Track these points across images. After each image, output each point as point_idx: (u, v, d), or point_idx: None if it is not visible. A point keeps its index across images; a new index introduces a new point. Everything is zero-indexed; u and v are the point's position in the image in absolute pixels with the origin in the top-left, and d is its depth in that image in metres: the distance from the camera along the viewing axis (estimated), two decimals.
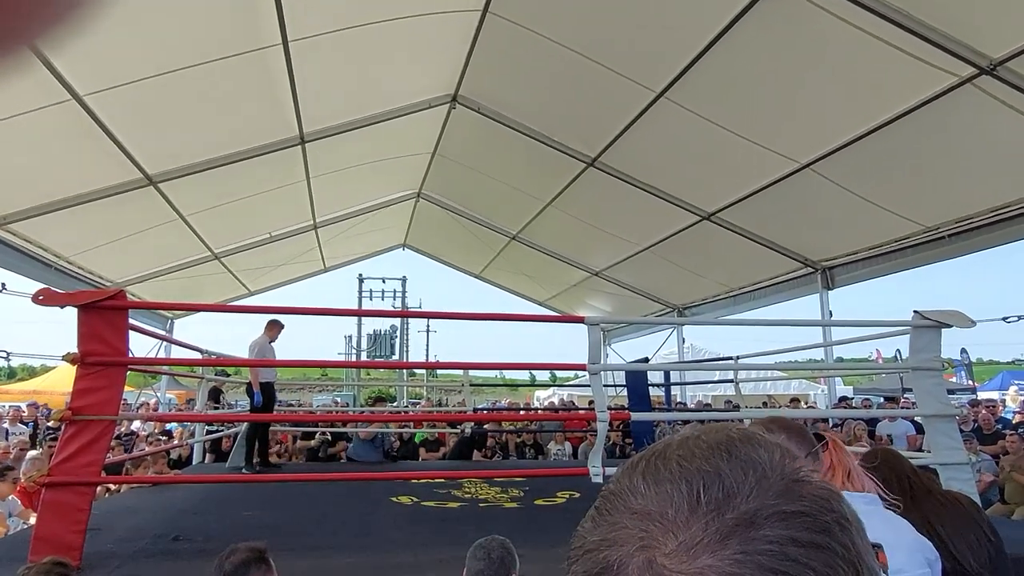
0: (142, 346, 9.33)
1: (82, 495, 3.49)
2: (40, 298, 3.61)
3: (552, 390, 20.49)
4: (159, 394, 12.84)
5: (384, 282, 26.93)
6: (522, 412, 14.23)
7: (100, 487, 5.41)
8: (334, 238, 12.02)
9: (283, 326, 7.12)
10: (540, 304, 15.25)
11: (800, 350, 7.36)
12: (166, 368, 8.34)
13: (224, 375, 9.35)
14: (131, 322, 3.99)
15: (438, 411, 13.98)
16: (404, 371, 17.64)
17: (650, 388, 9.56)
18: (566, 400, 16.03)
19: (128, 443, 8.31)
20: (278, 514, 4.97)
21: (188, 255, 10.15)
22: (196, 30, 5.56)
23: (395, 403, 21.25)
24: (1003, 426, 8.39)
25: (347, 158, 9.00)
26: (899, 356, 15.42)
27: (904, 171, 6.43)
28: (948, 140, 5.76)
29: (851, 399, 11.94)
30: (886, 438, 8.31)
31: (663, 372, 10.35)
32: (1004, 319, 7.51)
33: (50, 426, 8.51)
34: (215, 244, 10.09)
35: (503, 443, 10.02)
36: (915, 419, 7.78)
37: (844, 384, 18.26)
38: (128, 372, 4.22)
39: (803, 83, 5.93)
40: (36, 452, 6.83)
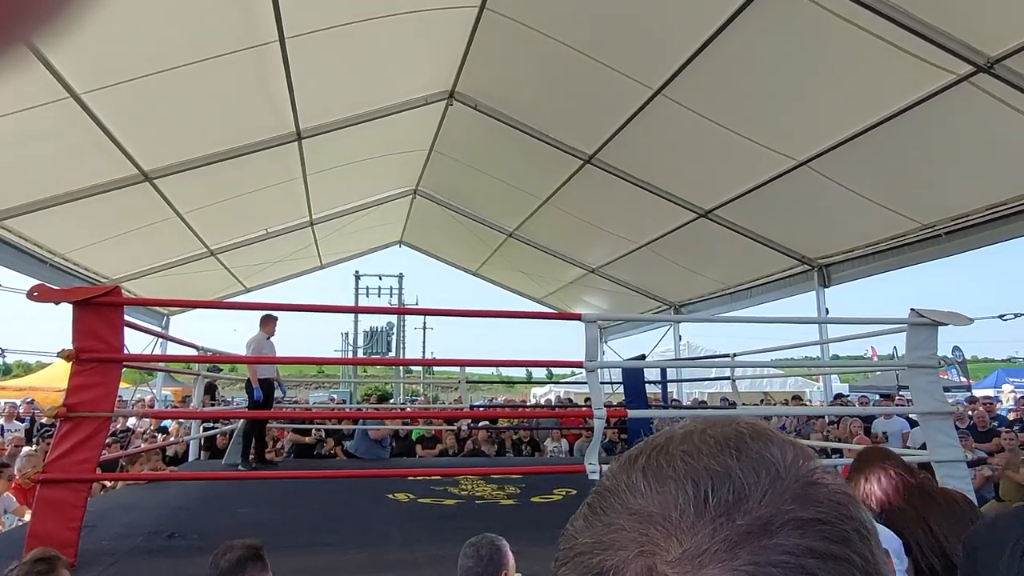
0: (138, 343, 9.32)
1: (77, 492, 3.48)
2: (35, 294, 3.59)
3: (549, 387, 20.51)
4: (155, 391, 12.82)
5: (381, 279, 26.92)
6: (519, 409, 14.24)
7: (95, 484, 5.40)
8: (330, 235, 12.00)
9: (276, 318, 7.11)
10: (537, 301, 15.24)
11: (796, 347, 7.38)
12: (162, 364, 8.32)
13: (217, 371, 9.33)
14: (126, 318, 3.98)
15: (434, 408, 13.99)
16: (400, 368, 17.63)
17: (647, 385, 9.56)
18: (562, 397, 16.05)
19: (124, 440, 8.28)
20: (274, 511, 4.96)
21: (184, 251, 10.13)
22: (193, 26, 5.54)
23: (392, 400, 21.24)
24: (999, 424, 8.41)
25: (344, 155, 8.97)
26: (895, 354, 15.48)
27: (901, 169, 6.44)
28: (945, 138, 5.77)
29: (847, 397, 11.97)
30: (881, 435, 8.33)
31: (660, 369, 10.36)
32: (1000, 317, 7.55)
33: (43, 423, 8.48)
34: (211, 240, 10.06)
35: (499, 439, 10.02)
36: (910, 416, 7.81)
37: (840, 382, 18.33)
38: (124, 368, 4.21)
39: (800, 80, 5.93)
40: (31, 448, 6.81)
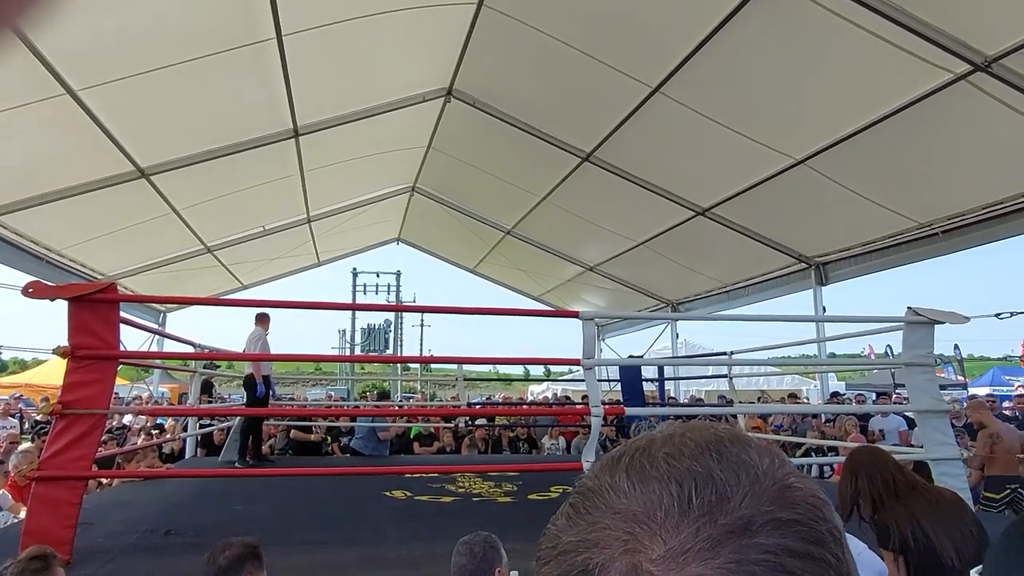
0: (134, 339, 9.30)
1: (73, 489, 3.47)
2: (30, 291, 3.58)
3: (546, 385, 20.53)
4: (152, 388, 12.80)
5: (378, 276, 26.94)
6: (516, 407, 14.24)
7: (91, 481, 5.39)
8: (328, 232, 11.97)
9: (269, 316, 7.18)
10: (535, 299, 15.24)
11: (793, 346, 7.39)
12: (158, 362, 8.30)
13: (214, 367, 9.32)
14: (122, 315, 3.97)
15: (431, 406, 13.99)
16: (398, 365, 17.61)
17: (644, 383, 9.58)
18: (560, 395, 16.06)
19: (120, 437, 8.27)
20: (271, 508, 4.96)
21: (181, 248, 10.10)
22: (190, 23, 5.52)
23: (390, 398, 21.23)
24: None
25: (341, 151, 8.95)
26: (889, 352, 15.51)
27: (898, 167, 6.45)
28: (943, 137, 5.78)
29: (843, 395, 12.00)
30: (878, 433, 8.36)
31: (657, 367, 10.38)
32: (996, 315, 7.56)
33: (38, 419, 8.45)
34: (208, 237, 10.03)
35: (495, 437, 10.03)
36: (907, 414, 7.83)
37: (838, 379, 18.39)
38: (120, 365, 4.20)
39: (798, 79, 5.93)
40: (28, 445, 6.79)
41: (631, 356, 10.28)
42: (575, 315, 4.61)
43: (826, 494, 0.42)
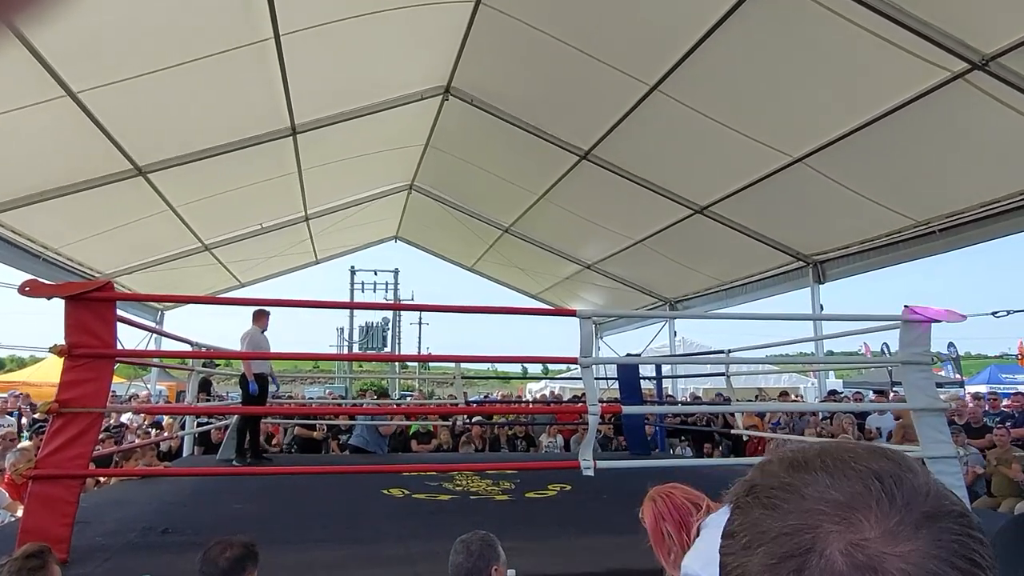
0: (132, 338, 9.29)
1: (70, 488, 3.46)
2: (27, 289, 3.57)
3: (544, 383, 20.54)
4: (149, 386, 12.79)
5: (376, 274, 26.92)
6: (514, 405, 14.25)
7: (89, 479, 5.38)
8: (326, 230, 11.96)
9: (268, 313, 7.12)
10: (533, 297, 15.24)
11: (791, 344, 7.40)
12: (155, 360, 8.29)
13: (212, 366, 9.31)
14: (120, 314, 3.96)
15: (428, 403, 14.00)
16: (396, 363, 17.61)
17: (642, 381, 9.58)
18: (557, 392, 16.06)
19: (118, 435, 8.26)
20: (268, 506, 4.96)
21: (178, 246, 10.08)
22: (188, 21, 5.50)
23: (388, 396, 21.24)
24: (1001, 420, 8.43)
25: (339, 150, 8.94)
26: (886, 350, 15.55)
27: (896, 166, 6.45)
28: (940, 135, 5.78)
29: (840, 393, 12.01)
30: (875, 431, 8.38)
31: (655, 365, 10.38)
32: (993, 314, 7.59)
33: (36, 418, 8.44)
34: (205, 235, 10.02)
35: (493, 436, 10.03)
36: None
37: (835, 377, 18.42)
38: (118, 364, 4.19)
39: (796, 77, 5.93)
40: (25, 443, 6.78)
41: (629, 354, 10.29)
42: (572, 313, 4.61)
43: None
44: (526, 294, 15.38)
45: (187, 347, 7.23)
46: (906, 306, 4.66)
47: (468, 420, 9.71)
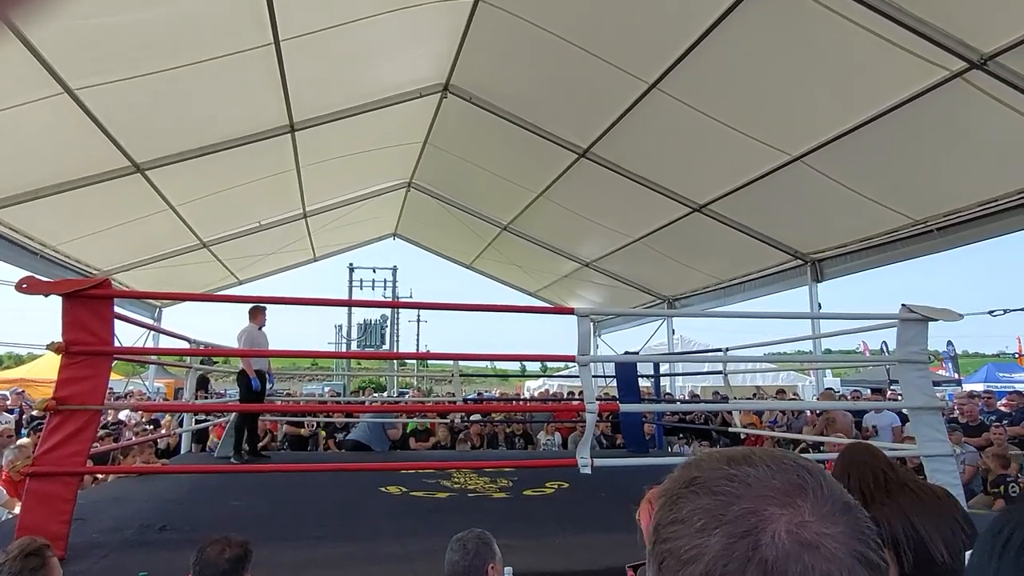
0: (130, 335, 9.28)
1: (67, 485, 3.46)
2: (24, 287, 3.56)
3: (542, 380, 20.55)
4: (147, 383, 12.78)
5: (375, 271, 26.90)
6: (512, 403, 14.26)
7: (86, 476, 5.38)
8: (324, 227, 11.96)
9: (265, 309, 7.08)
10: (531, 295, 15.25)
11: (789, 342, 7.41)
12: (153, 357, 8.28)
13: (210, 363, 9.30)
14: (117, 311, 3.95)
15: (427, 401, 14.00)
16: (394, 361, 17.60)
17: (640, 379, 9.59)
18: (554, 392, 16.06)
19: (116, 432, 8.26)
20: (266, 504, 4.96)
21: (176, 243, 10.07)
22: (187, 21, 5.49)
23: (386, 393, 21.25)
24: (997, 418, 8.44)
25: (338, 147, 8.93)
26: (884, 348, 15.57)
27: (894, 164, 6.45)
28: (938, 134, 5.79)
29: (836, 392, 12.01)
30: (872, 429, 8.39)
31: (653, 363, 10.38)
32: (990, 312, 7.60)
33: (34, 415, 8.44)
34: (204, 232, 10.01)
35: (491, 433, 10.04)
36: (902, 411, 7.85)
37: (833, 375, 18.43)
38: (115, 361, 4.19)
39: (795, 76, 5.93)
40: (23, 441, 6.77)
41: (627, 352, 10.29)
42: (570, 312, 4.61)
43: None
44: (525, 292, 15.39)
45: (185, 344, 7.22)
46: (903, 304, 4.67)
47: (466, 418, 9.71)
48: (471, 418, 9.77)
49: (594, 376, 8.80)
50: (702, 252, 10.11)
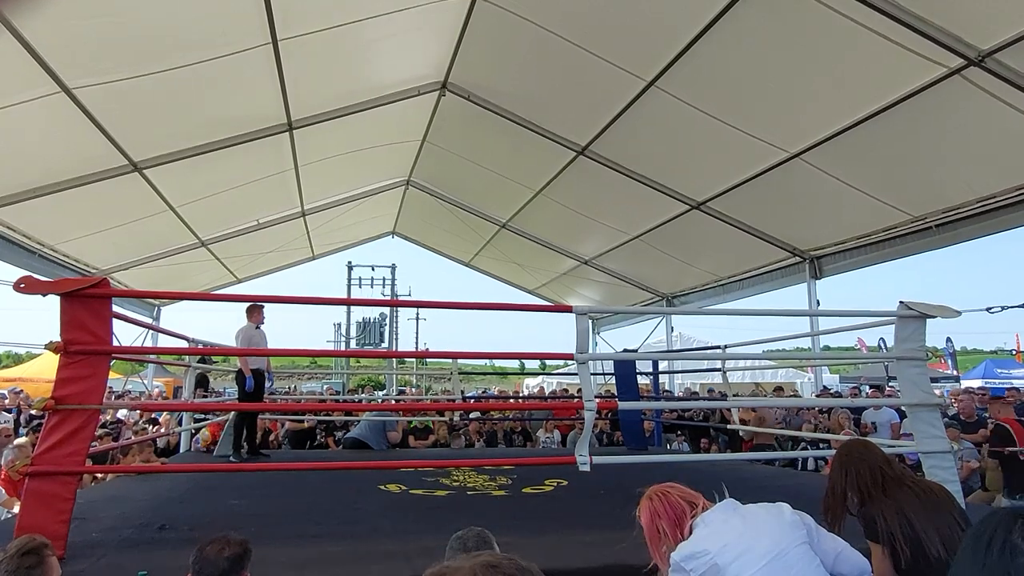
0: (129, 334, 9.27)
1: (66, 484, 3.46)
2: (22, 286, 3.55)
3: (541, 378, 20.55)
4: (146, 382, 12.76)
5: (373, 270, 26.83)
6: (510, 401, 14.26)
7: (85, 475, 5.38)
8: (323, 225, 11.95)
9: (262, 307, 7.05)
10: (530, 292, 15.25)
11: (787, 339, 7.41)
12: (152, 356, 8.27)
13: (209, 362, 9.29)
14: (116, 310, 3.94)
15: (425, 399, 14.00)
16: (393, 359, 17.60)
17: (638, 376, 9.59)
18: (555, 389, 16.06)
19: (116, 431, 8.25)
20: (265, 502, 4.96)
21: (174, 242, 10.06)
22: (185, 20, 5.48)
23: (385, 391, 21.23)
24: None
25: (336, 145, 8.92)
26: (882, 345, 15.59)
27: (892, 161, 6.46)
28: (936, 131, 5.79)
29: (832, 389, 12.04)
30: (870, 426, 8.40)
31: (651, 361, 10.38)
32: (987, 309, 7.61)
33: (33, 414, 8.43)
34: (202, 231, 10.00)
35: (490, 431, 10.04)
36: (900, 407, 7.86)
37: (831, 372, 18.47)
38: (114, 360, 4.18)
39: (793, 73, 5.93)
40: (22, 440, 6.76)
41: (626, 350, 10.30)
42: (568, 309, 4.59)
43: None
44: (523, 289, 15.39)
45: (184, 343, 7.21)
46: (901, 301, 4.67)
47: (465, 415, 9.71)
48: (470, 416, 9.77)
49: (593, 374, 8.80)
50: (701, 249, 10.12)
